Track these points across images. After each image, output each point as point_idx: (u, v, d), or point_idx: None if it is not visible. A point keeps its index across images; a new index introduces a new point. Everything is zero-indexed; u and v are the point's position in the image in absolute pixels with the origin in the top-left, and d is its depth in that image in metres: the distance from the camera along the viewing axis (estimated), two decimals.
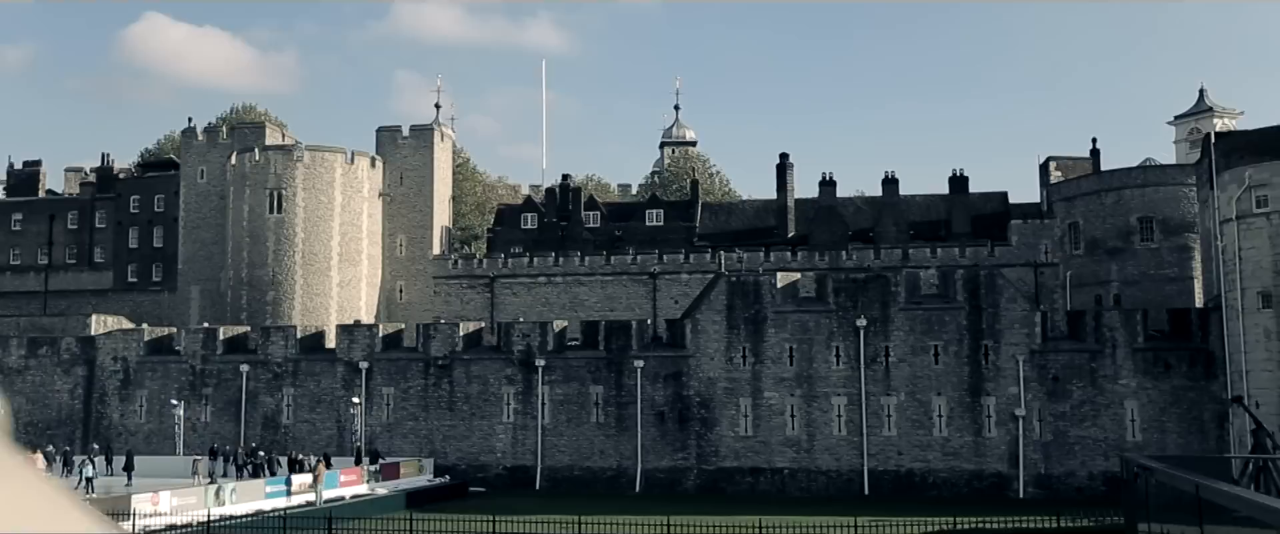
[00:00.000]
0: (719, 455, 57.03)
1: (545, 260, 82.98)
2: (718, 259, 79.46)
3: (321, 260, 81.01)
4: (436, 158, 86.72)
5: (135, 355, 64.23)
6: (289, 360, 62.26)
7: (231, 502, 44.25)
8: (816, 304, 57.04)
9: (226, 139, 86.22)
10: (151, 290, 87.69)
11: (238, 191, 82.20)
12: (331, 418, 61.13)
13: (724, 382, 57.35)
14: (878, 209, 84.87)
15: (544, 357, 59.09)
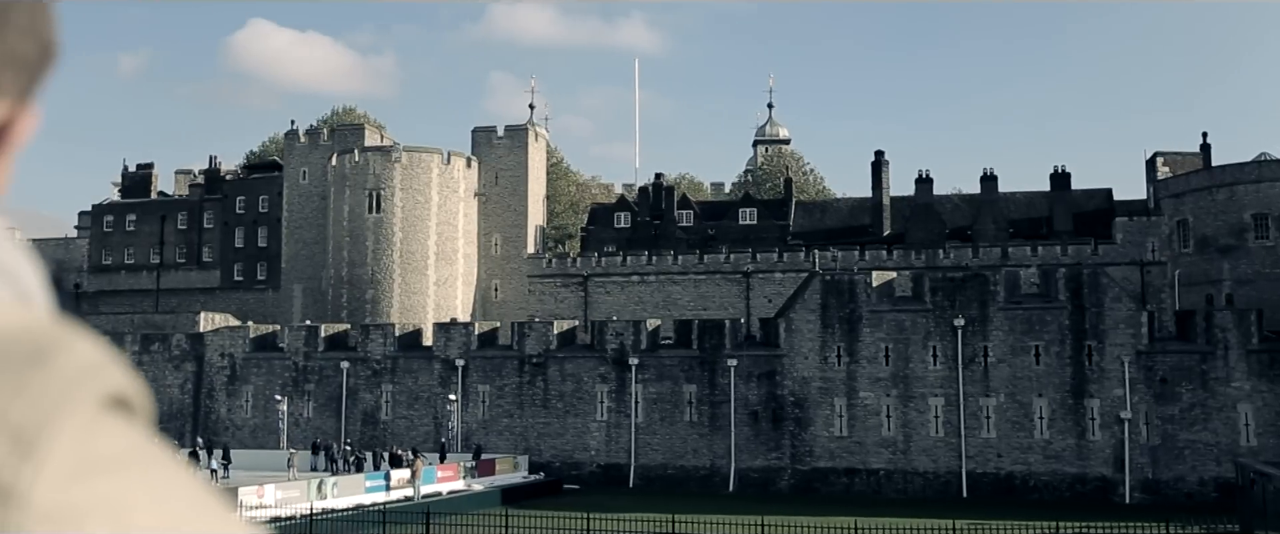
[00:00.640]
0: (813, 456, 56.55)
1: (638, 259, 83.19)
2: (812, 258, 78.79)
3: (419, 259, 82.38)
4: (531, 157, 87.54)
5: (241, 352, 66.07)
6: (387, 358, 63.44)
7: (333, 495, 45.23)
8: (913, 303, 56.20)
9: (327, 141, 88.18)
10: (256, 289, 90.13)
11: (338, 192, 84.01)
12: (429, 414, 62.11)
13: (818, 381, 56.84)
14: (976, 207, 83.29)
15: (637, 355, 59.23)
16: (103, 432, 0.53)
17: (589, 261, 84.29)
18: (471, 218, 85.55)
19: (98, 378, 0.54)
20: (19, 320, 0.55)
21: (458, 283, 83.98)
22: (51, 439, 0.51)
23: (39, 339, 0.54)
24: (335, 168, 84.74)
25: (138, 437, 0.55)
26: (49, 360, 0.53)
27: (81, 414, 0.53)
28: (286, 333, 66.36)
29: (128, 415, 0.56)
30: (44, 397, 0.51)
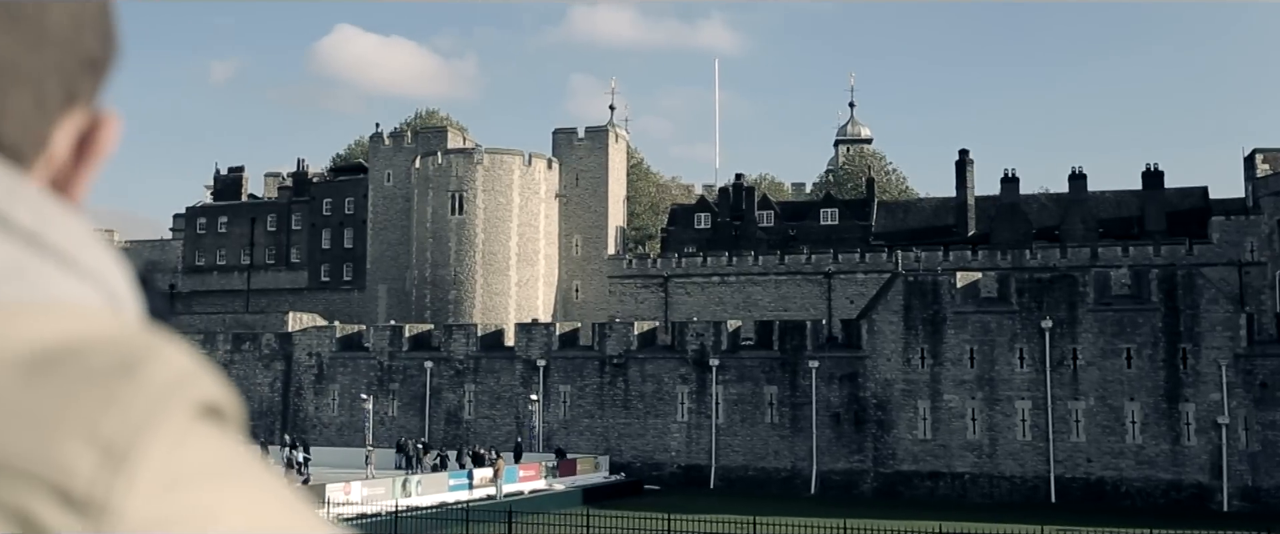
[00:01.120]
0: (896, 458, 55.82)
1: (719, 260, 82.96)
2: (894, 258, 77.84)
3: (500, 260, 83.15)
4: (611, 159, 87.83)
5: (328, 351, 67.30)
6: (470, 358, 64.11)
7: (417, 493, 45.83)
8: (999, 305, 55.19)
9: (411, 144, 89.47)
10: (342, 289, 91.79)
11: (421, 194, 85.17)
12: (511, 414, 62.63)
13: (901, 383, 56.11)
14: (1064, 206, 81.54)
15: (718, 356, 59.05)
16: (194, 441, 0.53)
17: (669, 262, 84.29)
18: (552, 219, 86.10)
19: (188, 387, 0.54)
20: (110, 330, 0.55)
21: (539, 284, 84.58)
22: (143, 451, 0.50)
23: (129, 348, 0.53)
24: (418, 170, 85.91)
25: (229, 445, 0.55)
26: (139, 370, 0.52)
27: (173, 424, 0.52)
28: (371, 333, 67.45)
29: (219, 423, 0.56)
30: (135, 408, 0.51)
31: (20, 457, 0.48)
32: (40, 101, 0.59)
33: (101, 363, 0.52)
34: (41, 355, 0.51)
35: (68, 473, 0.48)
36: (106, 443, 0.50)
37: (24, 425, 0.48)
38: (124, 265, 0.60)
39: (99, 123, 0.64)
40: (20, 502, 0.47)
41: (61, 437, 0.49)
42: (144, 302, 0.61)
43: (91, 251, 0.58)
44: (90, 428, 0.49)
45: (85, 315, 0.55)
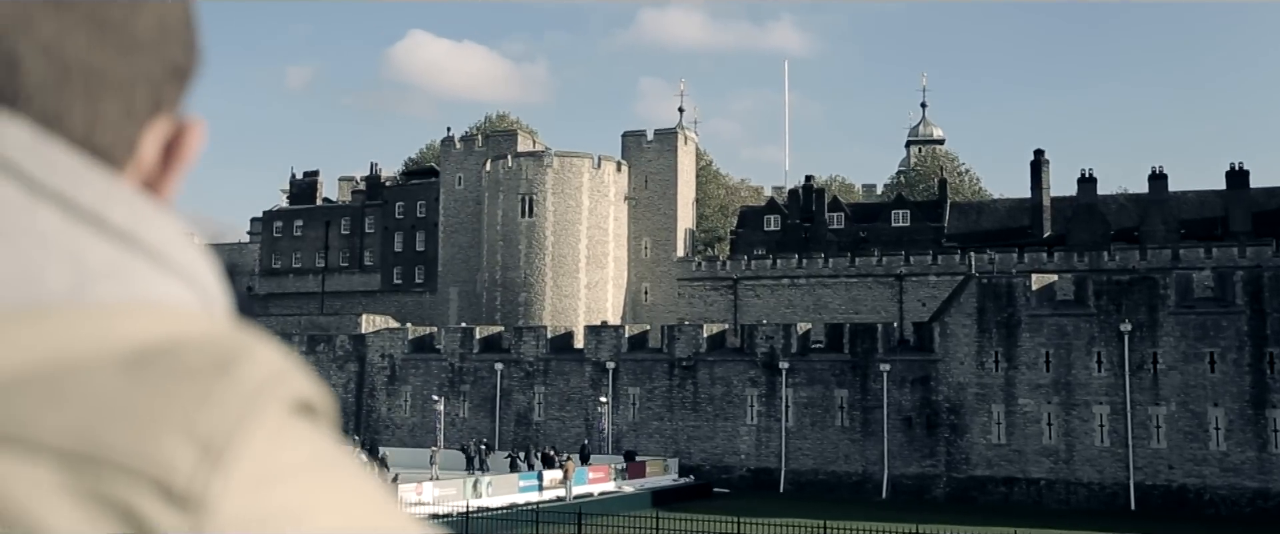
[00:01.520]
0: (970, 463, 54.96)
1: (788, 262, 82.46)
2: (967, 260, 76.70)
3: (570, 263, 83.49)
4: (680, 161, 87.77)
5: (400, 353, 68.11)
6: (540, 359, 64.45)
7: (488, 494, 46.16)
8: (1075, 307, 54.08)
9: (482, 147, 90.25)
10: (414, 291, 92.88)
11: (492, 197, 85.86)
12: (580, 416, 62.83)
13: (975, 387, 55.25)
14: (1143, 207, 79.69)
15: (788, 359, 58.67)
16: (288, 438, 0.54)
17: (738, 265, 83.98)
18: (622, 221, 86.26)
19: (282, 384, 0.55)
20: (204, 328, 0.56)
21: (608, 286, 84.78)
22: (239, 447, 0.51)
23: (224, 347, 0.54)
24: (489, 173, 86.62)
25: (322, 442, 0.56)
26: (234, 368, 0.53)
27: (268, 421, 0.53)
28: (443, 334, 68.12)
29: (312, 420, 0.57)
30: (231, 405, 0.52)
31: (122, 452, 0.49)
32: (129, 108, 0.61)
33: (197, 361, 0.53)
34: (140, 354, 0.52)
35: (168, 468, 0.49)
36: (204, 439, 0.51)
37: (125, 422, 0.50)
38: (213, 264, 0.61)
39: (185, 129, 0.65)
40: (124, 495, 0.49)
41: (161, 433, 0.50)
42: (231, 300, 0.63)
43: (183, 251, 0.59)
44: (188, 425, 0.51)
45: (180, 314, 0.56)
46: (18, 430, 0.48)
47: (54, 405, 0.49)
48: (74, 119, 0.58)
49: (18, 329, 0.51)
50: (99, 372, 0.51)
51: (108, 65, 0.59)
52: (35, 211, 0.53)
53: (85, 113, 0.58)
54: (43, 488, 0.48)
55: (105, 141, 0.60)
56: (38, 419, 0.49)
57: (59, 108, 0.57)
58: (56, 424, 0.49)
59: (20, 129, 0.55)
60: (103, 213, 0.55)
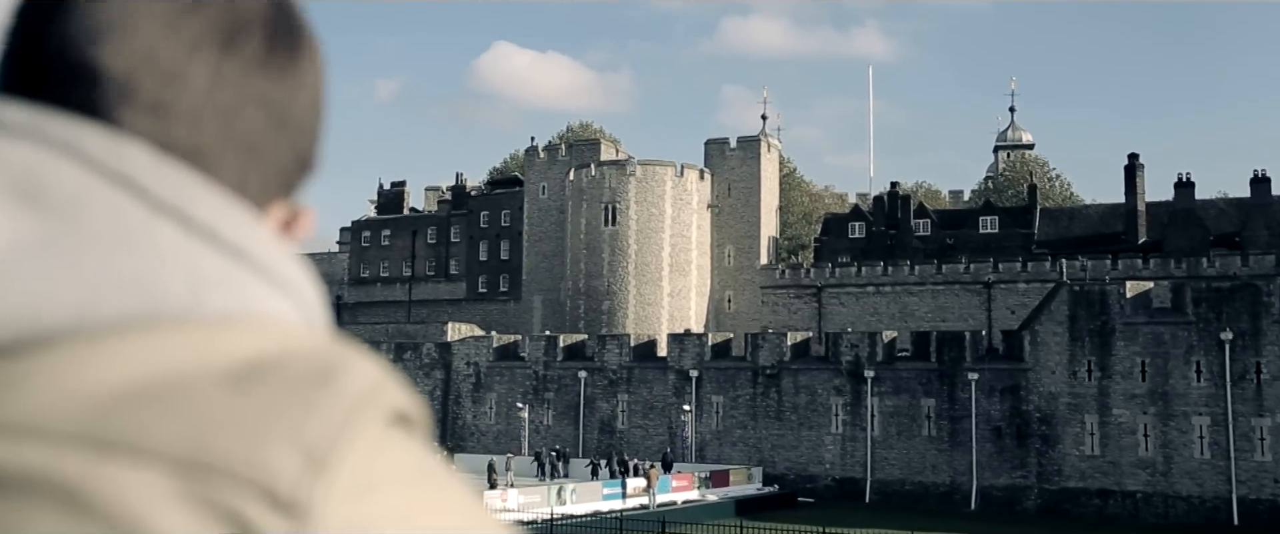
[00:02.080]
0: (1062, 475, 53.65)
1: (873, 270, 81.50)
2: (1058, 267, 74.98)
3: (653, 271, 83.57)
4: (763, 169, 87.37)
5: (485, 361, 68.80)
6: (623, 368, 64.56)
7: (571, 502, 46.33)
8: (1173, 315, 52.52)
9: (565, 156, 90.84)
10: (499, 300, 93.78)
11: (575, 206, 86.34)
12: (663, 424, 62.77)
13: (1067, 397, 53.95)
14: (1245, 211, 77.15)
15: (873, 367, 57.94)
16: (387, 448, 0.56)
17: (823, 272, 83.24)
18: (705, 229, 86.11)
19: (381, 396, 0.57)
20: (306, 341, 0.58)
21: (691, 294, 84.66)
22: (341, 456, 0.53)
23: (325, 359, 0.57)
24: (572, 182, 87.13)
25: (419, 451, 0.59)
26: (335, 380, 0.56)
27: (367, 431, 0.55)
28: (527, 343, 68.63)
29: (408, 430, 0.59)
30: (333, 415, 0.54)
31: (231, 460, 0.52)
32: (266, 182, 0.66)
33: (300, 373, 0.55)
34: (246, 366, 0.55)
35: (274, 475, 0.52)
36: (308, 448, 0.53)
37: (233, 431, 0.52)
38: (314, 280, 0.65)
39: (299, 213, 0.70)
40: (232, 501, 0.51)
41: (268, 442, 0.53)
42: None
43: (288, 267, 0.62)
44: (293, 434, 0.53)
45: (283, 328, 0.59)
46: (133, 438, 0.51)
47: (166, 414, 0.52)
48: (213, 175, 0.62)
49: (132, 342, 0.54)
50: (208, 383, 0.54)
51: (263, 139, 0.65)
52: (155, 225, 0.57)
53: (222, 173, 0.63)
54: (156, 493, 0.50)
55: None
56: (151, 427, 0.51)
57: (206, 164, 0.62)
58: (168, 432, 0.52)
59: (141, 150, 0.58)
60: (216, 228, 0.59)
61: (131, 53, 0.60)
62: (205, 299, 0.57)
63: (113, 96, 0.60)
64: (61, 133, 0.57)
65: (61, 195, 0.56)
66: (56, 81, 0.60)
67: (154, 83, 0.61)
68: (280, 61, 0.66)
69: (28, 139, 0.57)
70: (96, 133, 0.58)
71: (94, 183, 0.57)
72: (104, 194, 0.57)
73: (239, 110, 0.63)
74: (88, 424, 0.51)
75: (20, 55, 0.62)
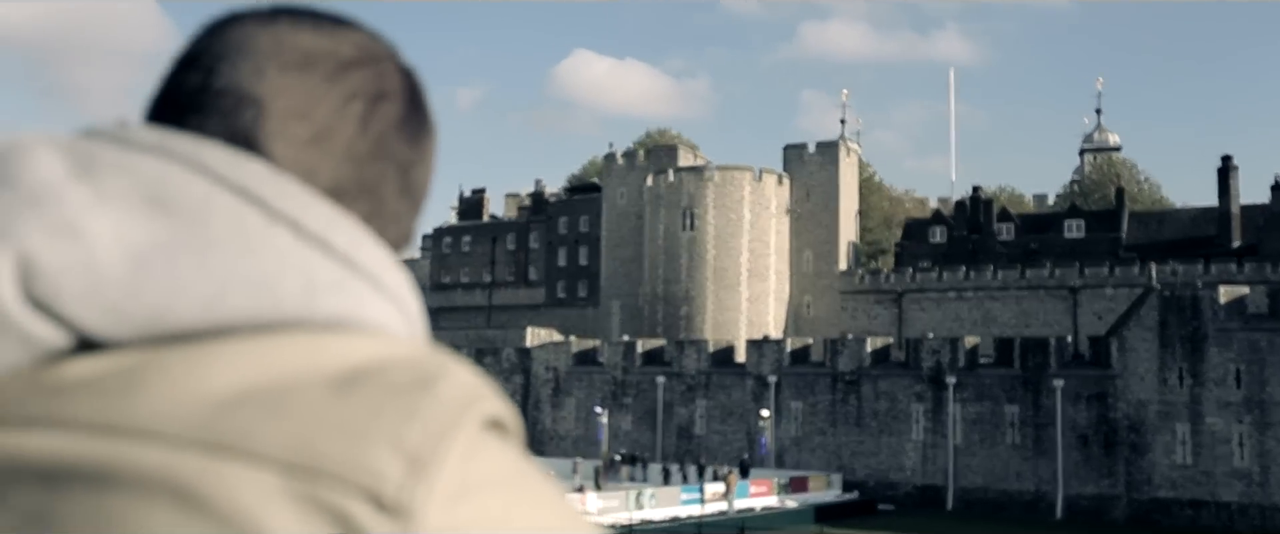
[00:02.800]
0: (1152, 484, 52.33)
1: (955, 274, 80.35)
2: (1147, 272, 73.21)
3: (731, 276, 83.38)
4: (842, 173, 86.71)
5: (564, 365, 69.25)
6: (701, 373, 64.50)
7: (650, 506, 46.40)
8: (1270, 321, 50.95)
9: (643, 162, 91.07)
10: (577, 305, 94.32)
11: (653, 211, 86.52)
12: (741, 429, 62.58)
13: (1157, 405, 52.62)
14: None
15: (955, 374, 57.14)
16: (484, 452, 0.58)
17: (903, 277, 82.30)
18: (783, 234, 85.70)
19: (478, 403, 0.59)
20: (407, 348, 0.62)
21: (769, 299, 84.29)
22: (441, 460, 0.56)
23: (426, 366, 0.60)
24: (650, 188, 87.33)
25: (514, 456, 0.61)
26: (436, 386, 0.58)
27: (466, 436, 0.58)
28: (606, 347, 68.94)
29: (503, 436, 0.61)
30: (434, 420, 0.57)
31: (337, 463, 0.54)
32: (381, 236, 0.71)
33: (402, 379, 0.58)
34: (351, 372, 0.58)
35: (379, 479, 0.54)
36: (411, 452, 0.55)
37: (339, 435, 0.55)
38: (415, 289, 0.69)
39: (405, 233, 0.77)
40: (338, 502, 0.54)
41: (372, 446, 0.55)
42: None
43: (393, 276, 0.66)
44: (397, 438, 0.55)
45: (386, 335, 0.63)
46: (244, 441, 0.54)
47: (275, 418, 0.55)
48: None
49: (243, 348, 0.58)
50: (315, 387, 0.57)
51: (388, 200, 0.72)
52: (273, 231, 0.61)
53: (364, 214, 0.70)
54: (266, 493, 0.53)
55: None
56: (261, 431, 0.54)
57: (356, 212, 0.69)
58: (277, 435, 0.55)
59: (259, 165, 0.63)
60: (327, 237, 0.63)
61: (294, 96, 0.68)
62: (318, 301, 0.61)
63: (274, 130, 0.67)
64: (187, 149, 0.62)
65: (188, 204, 0.60)
66: (222, 109, 0.67)
67: (308, 126, 0.68)
68: (412, 130, 0.73)
69: (158, 155, 0.62)
70: (219, 149, 0.63)
71: (217, 193, 0.61)
72: (227, 203, 0.61)
73: (373, 165, 0.70)
74: (202, 426, 0.54)
75: (183, 84, 0.69)
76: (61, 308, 0.57)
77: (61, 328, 0.57)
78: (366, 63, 0.71)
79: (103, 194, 0.60)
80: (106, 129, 0.64)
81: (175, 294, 0.58)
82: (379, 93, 0.70)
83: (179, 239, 0.59)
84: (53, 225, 0.58)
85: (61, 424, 0.55)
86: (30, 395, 0.56)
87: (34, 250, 0.57)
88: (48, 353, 0.58)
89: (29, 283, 0.57)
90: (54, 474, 0.54)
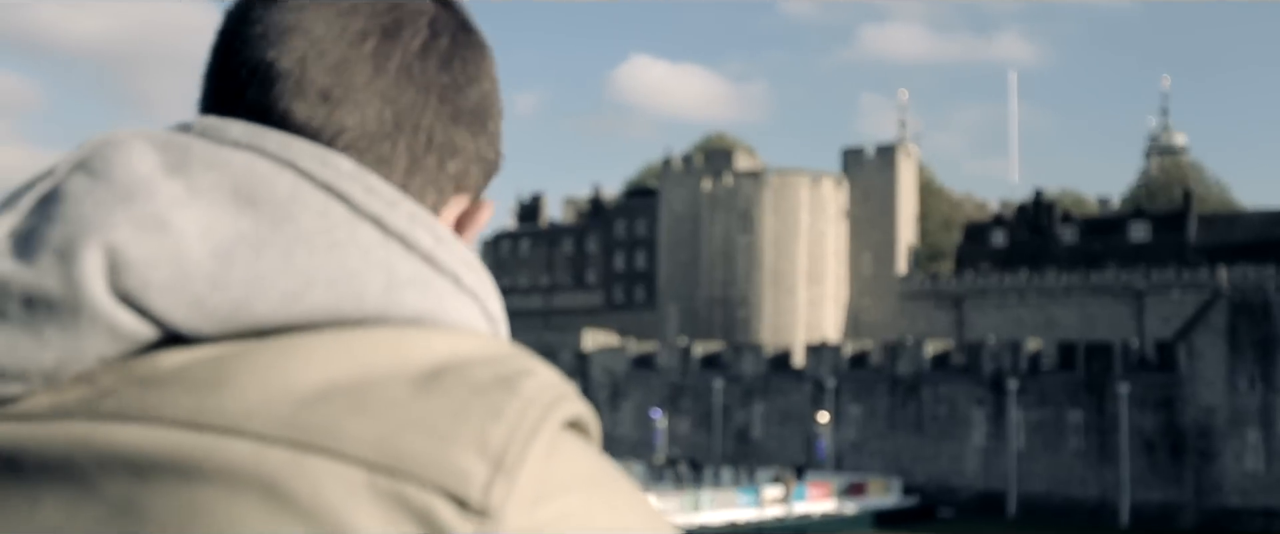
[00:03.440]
0: (1222, 492, 51.24)
1: (1017, 278, 79.29)
2: (1216, 275, 71.70)
3: (789, 279, 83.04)
4: (901, 176, 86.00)
5: (621, 369, 69.42)
6: (758, 377, 64.30)
7: (708, 509, 46.35)
8: None
9: (700, 166, 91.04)
10: (635, 309, 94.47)
11: (711, 215, 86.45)
12: (799, 434, 62.28)
13: (1226, 411, 51.53)
14: None
15: (1016, 378, 56.39)
16: (566, 453, 0.59)
17: (963, 281, 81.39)
18: (841, 237, 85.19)
19: (561, 403, 0.59)
20: (490, 347, 0.62)
21: (827, 302, 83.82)
22: (525, 461, 0.56)
23: (509, 365, 0.60)
24: (708, 192, 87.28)
25: (595, 457, 0.61)
26: (518, 385, 0.58)
27: (548, 437, 0.57)
28: (663, 351, 68.98)
29: (585, 438, 0.62)
30: (518, 421, 0.56)
31: (421, 463, 0.54)
32: (441, 173, 0.72)
33: (485, 378, 0.58)
34: (434, 369, 0.58)
35: (463, 480, 0.54)
36: (496, 454, 0.55)
37: (424, 433, 0.55)
38: (496, 289, 0.69)
39: (479, 208, 0.76)
40: (423, 502, 0.54)
41: (456, 446, 0.55)
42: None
43: (474, 274, 0.66)
44: (481, 439, 0.55)
45: (468, 333, 0.63)
46: (330, 438, 0.55)
47: (360, 415, 0.56)
48: (395, 175, 0.70)
49: (328, 344, 0.58)
50: (398, 385, 0.57)
51: (436, 132, 0.71)
52: (357, 227, 0.62)
53: (406, 172, 0.70)
54: (351, 489, 0.54)
55: (425, 200, 0.71)
56: (346, 428, 0.55)
57: (387, 171, 0.69)
58: (362, 433, 0.55)
59: (346, 161, 0.64)
60: (410, 235, 0.63)
61: (301, 49, 0.68)
62: (399, 298, 0.62)
63: (288, 91, 0.67)
64: (277, 145, 0.64)
65: (276, 199, 0.61)
66: (241, 83, 0.68)
67: (321, 74, 0.67)
68: (447, 54, 0.71)
69: (248, 150, 0.63)
70: (308, 146, 0.64)
71: (305, 188, 0.62)
72: (313, 198, 0.62)
73: (404, 97, 0.69)
74: (288, 422, 0.55)
75: (215, 66, 0.71)
76: (148, 301, 0.58)
77: (148, 321, 0.58)
78: (376, 7, 0.70)
79: (193, 189, 0.61)
80: (200, 124, 0.65)
81: (258, 289, 0.59)
82: (394, 23, 0.70)
83: (264, 234, 0.60)
84: (142, 219, 0.59)
85: (152, 418, 0.56)
86: (122, 387, 0.58)
87: (123, 243, 0.58)
88: (136, 344, 0.59)
89: (118, 276, 0.58)
90: (144, 466, 0.55)
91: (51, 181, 0.62)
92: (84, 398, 0.58)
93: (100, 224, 0.59)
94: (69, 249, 0.58)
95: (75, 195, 0.60)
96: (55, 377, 0.58)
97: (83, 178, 0.61)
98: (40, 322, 0.58)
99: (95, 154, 0.63)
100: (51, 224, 0.59)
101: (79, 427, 0.56)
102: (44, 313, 0.58)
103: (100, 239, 0.58)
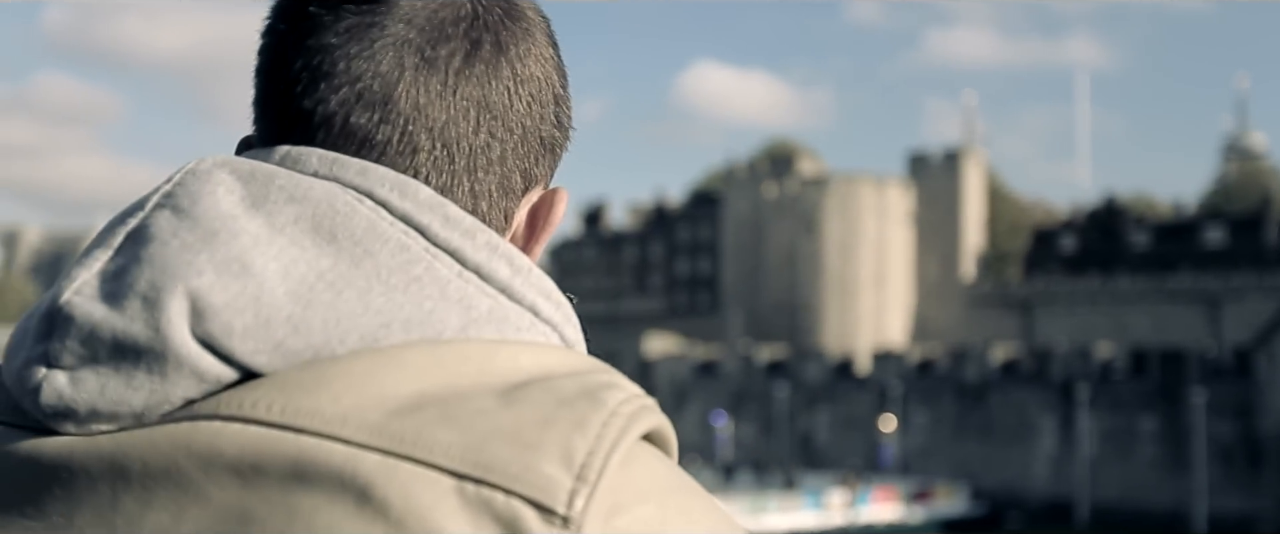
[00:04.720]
0: None
1: (1087, 283, 77.99)
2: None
3: (853, 285, 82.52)
4: (967, 180, 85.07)
5: (685, 374, 69.47)
6: (823, 382, 63.96)
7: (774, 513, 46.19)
8: None
9: (765, 172, 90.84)
10: (698, 314, 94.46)
11: (775, 220, 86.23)
12: (864, 439, 61.84)
13: None
14: None
15: (1087, 385, 55.46)
16: (645, 464, 0.60)
17: (1032, 285, 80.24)
18: (907, 242, 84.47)
19: (643, 415, 0.60)
20: (572, 359, 0.63)
21: (893, 307, 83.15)
22: (605, 471, 0.57)
23: (591, 377, 0.61)
24: (771, 198, 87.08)
25: (672, 469, 0.62)
26: (602, 397, 0.59)
27: (629, 448, 0.59)
28: (727, 357, 68.91)
29: (664, 450, 0.63)
30: (601, 432, 0.57)
31: (508, 470, 0.56)
32: (507, 184, 0.71)
33: (569, 390, 0.59)
34: (519, 381, 0.60)
35: (548, 487, 0.55)
36: (580, 465, 0.56)
37: (511, 442, 0.57)
38: (575, 316, 0.70)
39: (550, 197, 0.75)
40: (508, 509, 0.55)
41: (543, 455, 0.56)
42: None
43: (551, 303, 0.67)
44: (566, 450, 0.57)
45: (550, 346, 0.64)
46: (420, 448, 0.56)
47: (449, 424, 0.57)
48: (461, 193, 0.69)
49: (416, 355, 0.59)
50: (485, 395, 0.58)
51: (489, 145, 0.70)
52: (434, 262, 0.63)
53: (470, 187, 0.69)
54: (441, 496, 0.55)
55: (487, 214, 0.71)
56: (435, 435, 0.56)
57: (449, 184, 0.69)
58: (451, 440, 0.56)
59: (425, 189, 0.65)
60: (487, 266, 0.64)
61: (345, 88, 0.67)
62: (476, 334, 0.62)
63: (336, 131, 0.67)
64: (354, 175, 0.64)
65: (354, 232, 0.62)
66: (290, 125, 0.69)
67: (364, 111, 0.67)
68: (485, 63, 0.70)
69: (327, 180, 0.64)
70: (386, 174, 0.65)
71: (382, 220, 0.63)
72: (390, 231, 0.63)
73: (447, 117, 0.68)
74: (380, 428, 0.56)
75: (260, 104, 0.71)
76: (231, 348, 0.59)
77: (230, 365, 0.59)
78: (410, 16, 0.68)
79: (274, 224, 0.62)
80: (282, 151, 0.66)
81: (337, 332, 0.60)
82: (430, 44, 0.68)
83: (344, 271, 0.61)
84: (225, 263, 0.60)
85: (250, 418, 0.57)
86: (220, 394, 0.59)
87: (206, 290, 0.59)
88: (220, 385, 0.59)
89: (201, 322, 0.59)
90: (248, 469, 0.56)
91: (141, 216, 0.63)
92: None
93: (185, 268, 0.60)
94: (155, 296, 0.59)
95: (161, 236, 0.61)
96: (145, 418, 0.59)
97: (169, 216, 0.62)
98: (129, 365, 0.59)
99: (181, 188, 0.63)
100: (138, 266, 0.61)
101: (180, 429, 0.58)
102: (132, 357, 0.59)
103: (185, 285, 0.59)
